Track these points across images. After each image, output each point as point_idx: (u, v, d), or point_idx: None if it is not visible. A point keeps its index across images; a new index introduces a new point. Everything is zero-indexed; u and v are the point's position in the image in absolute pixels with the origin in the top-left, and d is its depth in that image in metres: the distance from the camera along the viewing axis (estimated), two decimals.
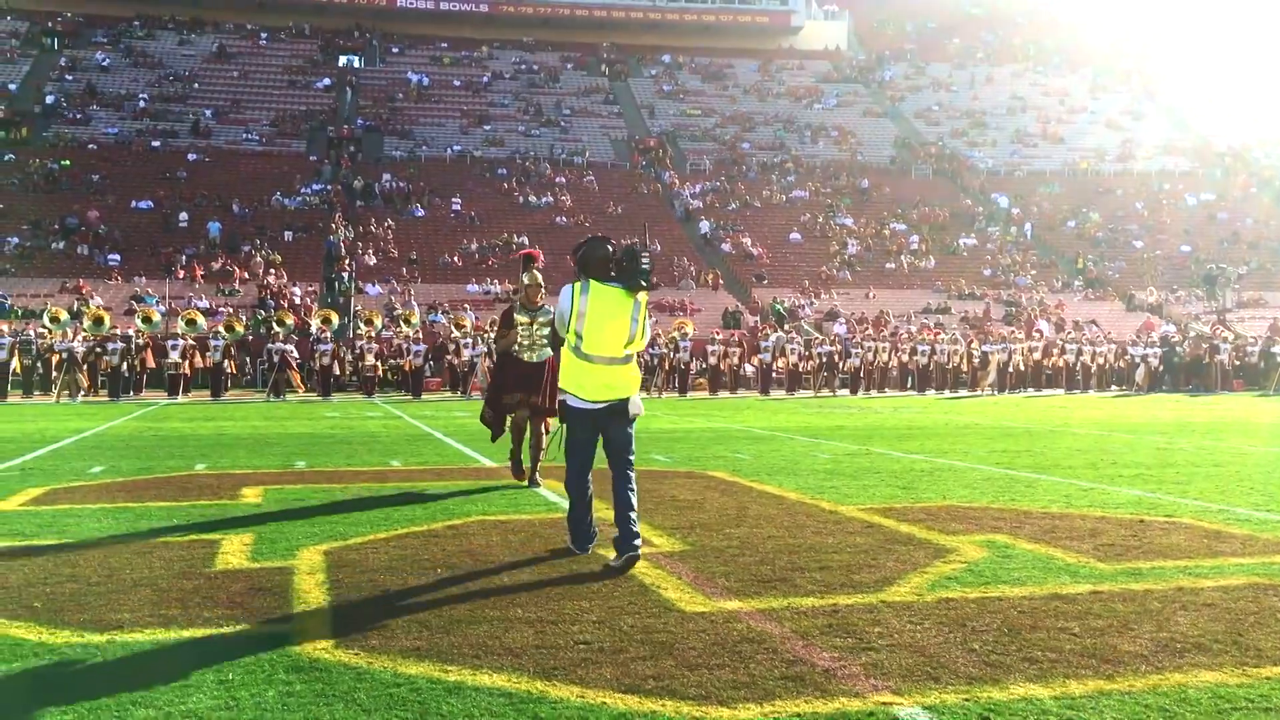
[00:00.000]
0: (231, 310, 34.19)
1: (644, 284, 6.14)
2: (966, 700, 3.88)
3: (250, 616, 5.01)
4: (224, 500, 8.73)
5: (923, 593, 5.48)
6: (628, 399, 6.17)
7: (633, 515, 6.05)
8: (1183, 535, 7.11)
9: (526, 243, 44.40)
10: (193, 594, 5.44)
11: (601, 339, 6.09)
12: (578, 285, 6.17)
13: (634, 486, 6.19)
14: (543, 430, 9.41)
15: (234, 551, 6.54)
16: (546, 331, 9.17)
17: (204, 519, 7.78)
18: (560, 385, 6.26)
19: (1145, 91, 66.79)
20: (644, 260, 6.10)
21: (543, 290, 9.34)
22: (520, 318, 9.28)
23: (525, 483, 9.48)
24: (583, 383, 6.12)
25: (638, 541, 6.00)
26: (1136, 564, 6.19)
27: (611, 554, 6.13)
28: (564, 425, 6.29)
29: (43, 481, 9.92)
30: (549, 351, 9.15)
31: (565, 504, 8.42)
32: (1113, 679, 4.11)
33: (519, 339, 9.23)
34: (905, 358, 32.36)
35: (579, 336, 6.12)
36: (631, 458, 6.23)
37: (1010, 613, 5.07)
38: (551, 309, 9.27)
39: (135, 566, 6.11)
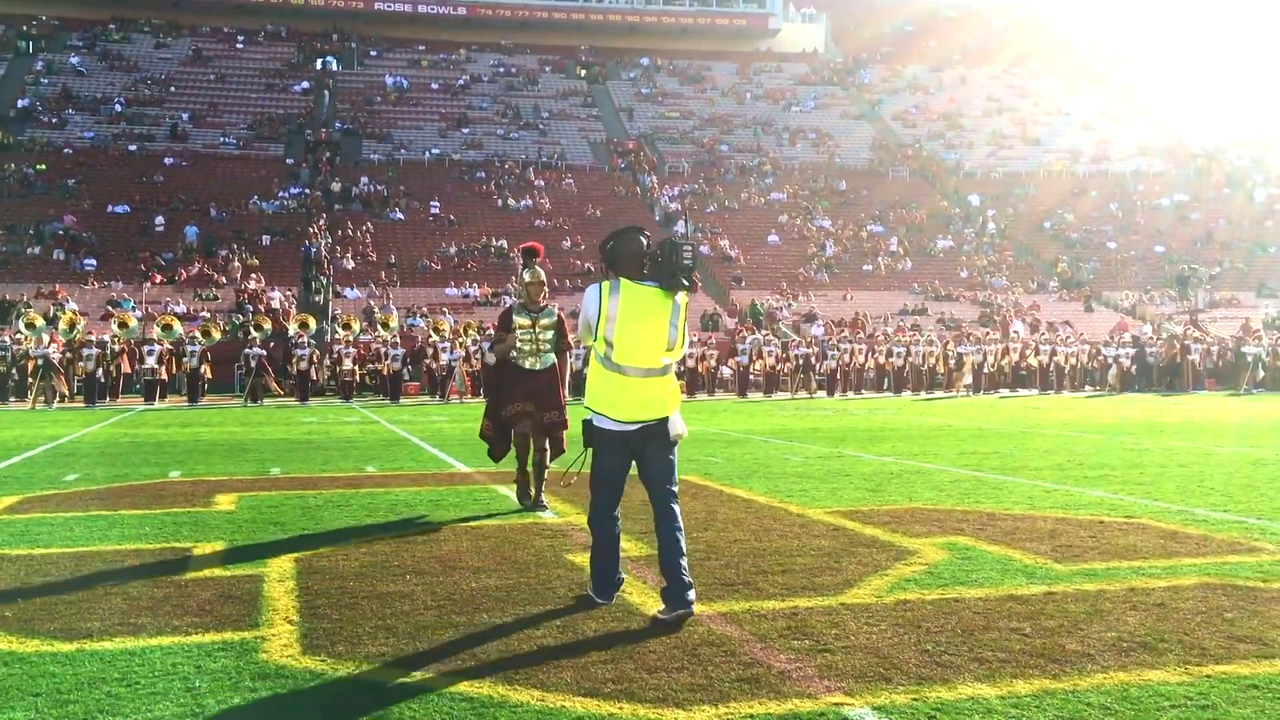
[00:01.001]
0: (209, 315, 34.11)
1: (685, 283, 5.33)
2: (915, 700, 4.00)
3: (219, 624, 5.08)
4: (197, 508, 8.78)
5: (881, 595, 5.61)
6: (667, 418, 5.34)
7: (683, 562, 5.22)
8: (1139, 536, 7.26)
9: (505, 246, 44.51)
10: (163, 602, 5.52)
11: (635, 347, 5.28)
12: (606, 285, 5.38)
13: (681, 524, 5.37)
14: (546, 447, 8.53)
15: (205, 559, 6.61)
16: (550, 335, 8.43)
17: (177, 526, 7.84)
18: (587, 403, 5.40)
19: (1120, 93, 67.36)
20: (685, 254, 5.33)
21: (545, 288, 8.55)
22: (521, 319, 8.40)
23: (531, 508, 8.52)
24: (614, 399, 5.29)
25: (691, 594, 5.15)
26: (1092, 565, 6.33)
27: (651, 604, 5.34)
28: (589, 450, 5.46)
29: (16, 490, 9.94)
30: (553, 358, 8.48)
31: (540, 512, 8.54)
32: (1058, 678, 4.24)
33: (519, 343, 8.38)
34: (882, 359, 32.57)
35: (609, 344, 5.31)
36: (674, 488, 5.44)
37: (965, 614, 5.20)
38: (555, 309, 8.72)
39: (107, 575, 6.18)
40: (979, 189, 54.97)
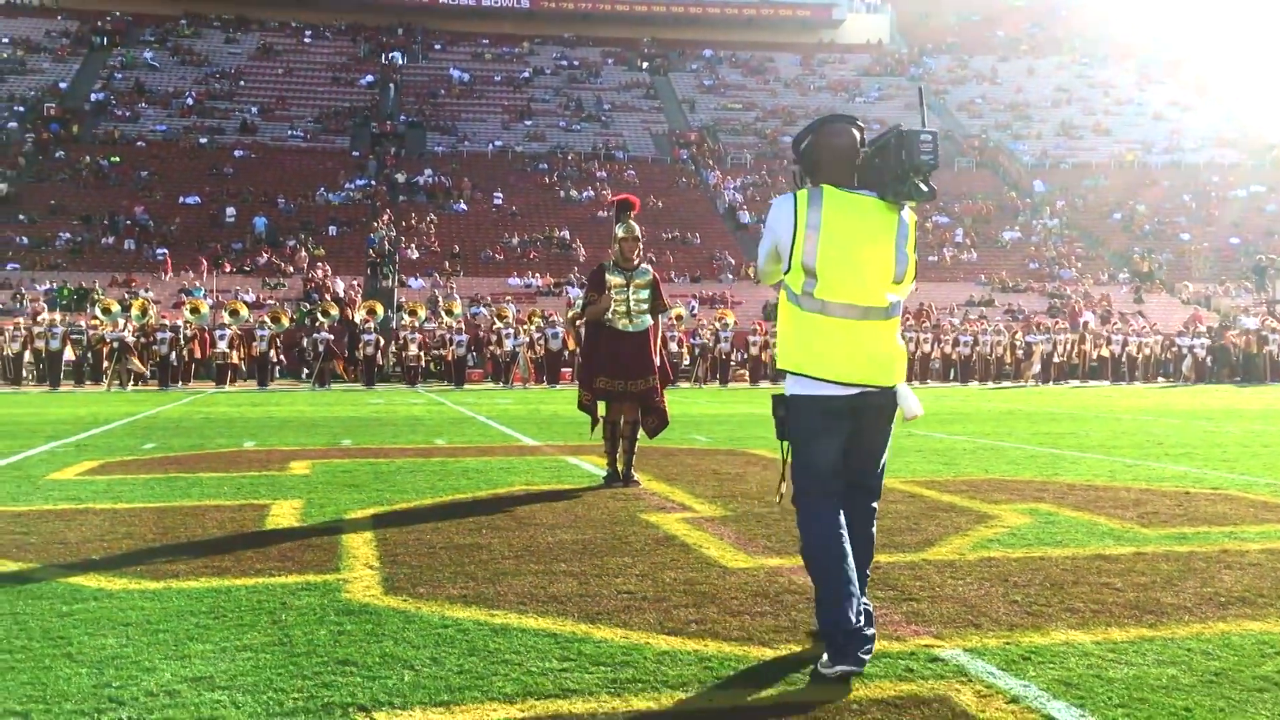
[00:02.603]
0: (276, 303, 34.60)
1: (922, 188, 3.75)
2: (1007, 644, 3.90)
3: (302, 568, 5.12)
4: (273, 471, 8.89)
5: (964, 552, 5.50)
6: (894, 388, 3.79)
7: (865, 577, 3.89)
8: (1228, 505, 7.06)
9: (568, 237, 44.62)
10: (245, 549, 5.57)
11: (849, 277, 3.77)
12: (803, 195, 3.84)
13: (874, 532, 4.01)
14: (639, 418, 8.05)
15: (284, 514, 6.68)
16: (646, 294, 7.99)
17: (254, 487, 7.94)
18: (781, 364, 3.90)
19: (1193, 83, 65.82)
20: (925, 147, 3.73)
21: (640, 244, 8.03)
22: (614, 278, 7.93)
23: (623, 486, 7.95)
24: (821, 352, 3.76)
25: (871, 631, 3.65)
26: (1181, 529, 6.17)
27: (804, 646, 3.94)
28: (787, 436, 3.90)
29: (97, 455, 10.14)
30: (649, 320, 8.02)
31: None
32: (1155, 627, 4.12)
33: (613, 304, 7.93)
34: (948, 349, 32.17)
35: (810, 274, 3.80)
36: (880, 480, 4.02)
37: (1053, 570, 5.08)
38: (650, 269, 8.24)
39: (188, 526, 6.27)
40: (1047, 180, 54.07)
